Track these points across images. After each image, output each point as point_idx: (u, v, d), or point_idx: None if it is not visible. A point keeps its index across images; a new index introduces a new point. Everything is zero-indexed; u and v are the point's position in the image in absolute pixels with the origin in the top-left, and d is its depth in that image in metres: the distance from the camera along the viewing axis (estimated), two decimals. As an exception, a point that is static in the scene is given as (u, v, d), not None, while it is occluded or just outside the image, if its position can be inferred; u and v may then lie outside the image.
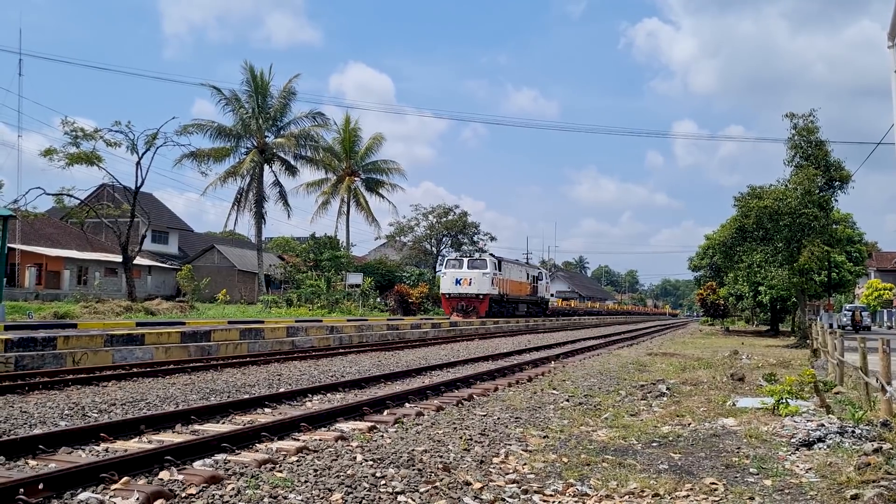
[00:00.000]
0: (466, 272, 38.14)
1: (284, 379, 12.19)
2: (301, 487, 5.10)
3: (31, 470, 5.49)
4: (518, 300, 44.27)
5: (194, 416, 7.76)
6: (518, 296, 44.07)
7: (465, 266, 38.57)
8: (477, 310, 37.43)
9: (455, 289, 38.11)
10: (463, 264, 38.82)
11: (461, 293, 37.87)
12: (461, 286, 37.92)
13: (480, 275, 37.82)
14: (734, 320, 61.91)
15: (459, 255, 40.34)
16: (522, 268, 47.91)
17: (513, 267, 44.40)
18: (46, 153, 33.33)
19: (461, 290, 37.90)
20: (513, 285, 42.74)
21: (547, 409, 9.28)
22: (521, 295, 44.90)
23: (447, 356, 17.93)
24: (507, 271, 41.96)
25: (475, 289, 37.76)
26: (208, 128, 41.03)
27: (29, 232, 43.54)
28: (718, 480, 5.61)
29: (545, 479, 5.57)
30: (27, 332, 14.61)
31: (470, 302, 37.81)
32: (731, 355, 19.60)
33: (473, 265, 38.60)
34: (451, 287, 38.37)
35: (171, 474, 5.34)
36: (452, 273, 38.62)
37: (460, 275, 38.10)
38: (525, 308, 46.10)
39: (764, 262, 30.06)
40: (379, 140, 49.66)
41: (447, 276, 38.89)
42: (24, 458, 5.88)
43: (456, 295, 38.08)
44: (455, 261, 39.62)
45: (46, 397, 9.44)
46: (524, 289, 45.90)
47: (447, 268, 39.37)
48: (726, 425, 8.17)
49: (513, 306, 43.03)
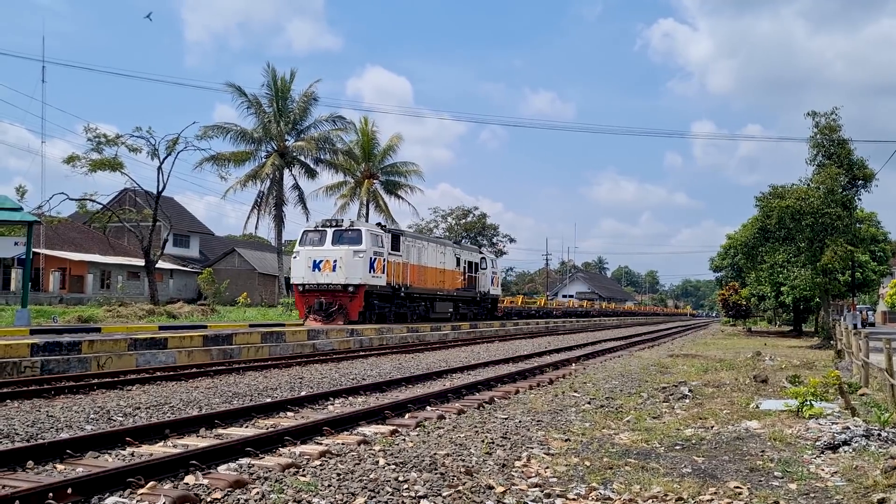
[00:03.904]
0: (329, 250, 24.62)
1: (306, 382, 12.25)
2: (325, 492, 5.13)
3: (59, 474, 5.58)
4: (436, 295, 30.78)
5: (218, 420, 7.83)
6: (437, 289, 30.86)
7: (329, 240, 24.88)
8: (345, 310, 24.21)
9: (311, 276, 24.75)
10: (325, 238, 24.99)
11: (319, 284, 24.54)
12: (321, 272, 24.66)
13: (351, 254, 24.25)
14: (756, 321, 61.42)
15: (321, 225, 25.77)
16: (448, 248, 33.47)
17: (427, 246, 30.78)
18: (69, 159, 33.83)
19: (320, 278, 24.59)
20: (425, 273, 29.64)
21: (568, 411, 9.26)
22: (444, 288, 31.65)
23: (467, 358, 17.94)
24: (414, 251, 28.85)
25: (341, 276, 24.25)
26: (229, 130, 41.33)
27: (53, 237, 44.09)
28: (743, 484, 5.58)
29: (568, 483, 5.56)
30: (52, 336, 14.81)
31: (334, 298, 24.35)
32: (753, 356, 19.44)
33: (341, 239, 24.81)
34: (305, 274, 24.85)
35: (196, 478, 5.39)
36: (308, 252, 24.96)
37: (320, 254, 24.71)
38: (451, 307, 32.61)
39: (786, 262, 29.82)
40: (397, 142, 49.76)
41: (300, 256, 25.16)
42: (51, 462, 5.96)
43: (312, 287, 24.71)
44: (314, 233, 25.50)
45: (72, 401, 9.56)
46: (450, 279, 32.51)
47: (302, 244, 25.62)
48: (750, 428, 8.11)
49: (424, 304, 29.71)
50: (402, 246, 27.66)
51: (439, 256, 31.43)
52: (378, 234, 25.83)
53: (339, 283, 24.25)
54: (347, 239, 24.76)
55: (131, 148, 34.83)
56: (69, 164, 33.91)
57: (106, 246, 47.37)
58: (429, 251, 30.43)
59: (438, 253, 31.47)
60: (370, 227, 26.44)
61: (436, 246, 31.77)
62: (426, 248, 30.36)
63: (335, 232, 25.05)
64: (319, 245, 24.94)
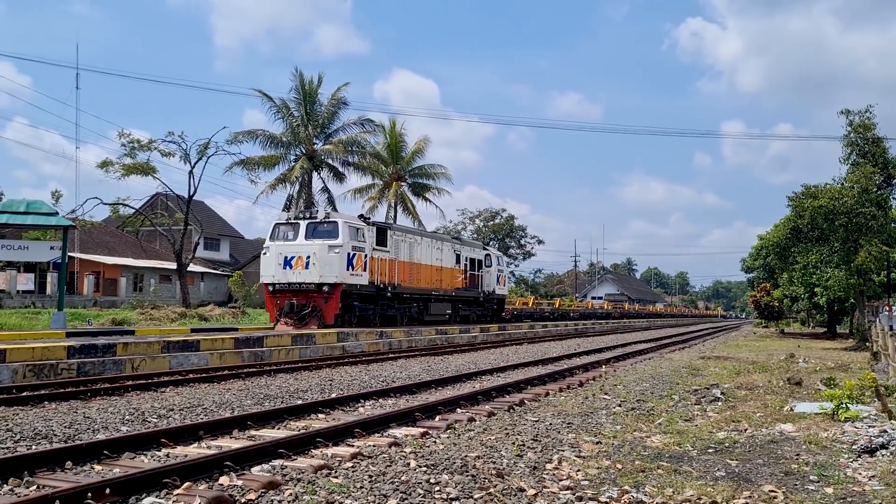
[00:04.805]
0: (302, 245, 21.99)
1: (336, 384, 12.33)
2: (357, 493, 5.17)
3: (97, 475, 5.68)
4: (431, 295, 27.90)
5: (250, 422, 7.92)
6: (432, 289, 28.00)
7: (302, 234, 22.29)
8: (319, 313, 21.64)
9: (282, 275, 22.09)
10: (298, 232, 22.41)
11: (291, 283, 21.96)
12: (292, 270, 21.97)
13: (326, 249, 21.56)
14: (789, 322, 60.58)
15: (293, 217, 23.25)
16: (446, 244, 30.20)
17: (420, 241, 27.68)
18: (103, 165, 34.42)
19: (291, 276, 21.95)
20: (418, 271, 26.82)
21: (599, 414, 9.22)
22: (440, 287, 28.73)
23: (496, 360, 17.92)
24: (404, 247, 25.94)
25: (315, 275, 21.57)
26: (258, 135, 41.70)
27: (87, 241, 44.84)
28: (778, 488, 5.51)
29: (599, 486, 5.54)
30: (88, 338, 15.06)
31: (307, 299, 21.76)
32: (787, 359, 19.18)
33: (315, 233, 22.24)
34: (275, 272, 22.23)
35: (230, 479, 5.46)
36: (279, 248, 22.37)
37: (292, 249, 22.08)
38: (450, 308, 29.73)
39: (820, 263, 29.38)
40: (425, 145, 49.85)
41: (270, 252, 22.52)
42: (89, 462, 6.07)
43: (282, 287, 22.13)
44: (286, 226, 22.90)
45: (108, 403, 9.72)
46: (449, 277, 29.53)
47: (273, 238, 22.93)
48: (784, 431, 8.01)
49: (416, 305, 26.92)
50: (390, 241, 24.91)
51: (435, 253, 28.50)
52: (358, 227, 23.00)
53: (312, 282, 21.57)
54: (322, 232, 22.12)
55: (164, 153, 35.35)
56: (102, 168, 34.52)
57: (138, 249, 48.05)
58: (422, 247, 27.50)
59: (434, 249, 28.50)
60: (349, 218, 23.55)
61: (431, 241, 28.83)
62: (419, 244, 27.36)
63: (309, 224, 22.37)
64: (291, 240, 22.36)
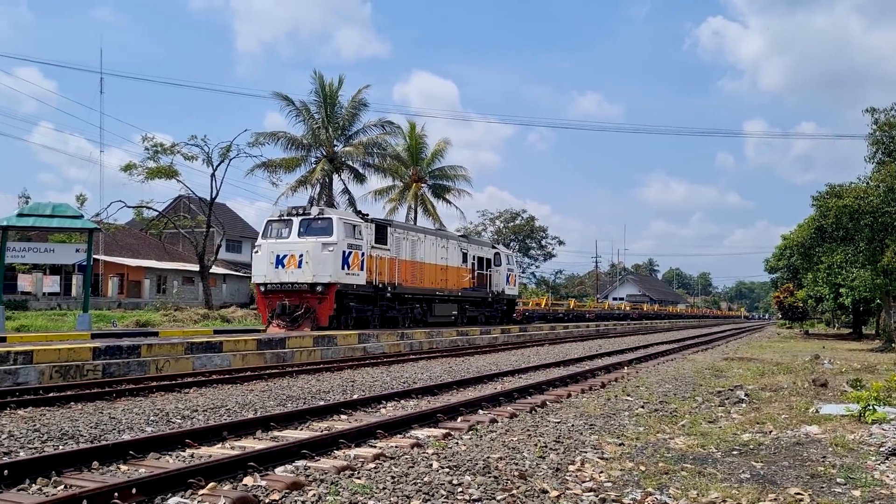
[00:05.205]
0: (295, 243, 21.05)
1: (358, 385, 12.37)
2: (380, 494, 5.18)
3: (122, 475, 5.74)
4: (435, 296, 26.82)
5: (273, 423, 7.96)
6: (437, 289, 26.89)
7: (295, 231, 21.31)
8: (313, 314, 20.69)
9: (274, 274, 21.15)
10: (291, 229, 21.42)
11: (283, 283, 21.02)
12: (284, 270, 20.99)
13: (319, 247, 20.65)
14: (813, 323, 59.90)
15: (286, 214, 22.00)
16: (452, 242, 28.97)
17: (424, 239, 26.60)
18: (126, 168, 34.83)
19: (283, 276, 21.01)
20: (421, 270, 25.76)
21: (622, 415, 9.17)
22: (446, 287, 27.57)
23: (518, 362, 17.89)
24: (406, 245, 24.97)
25: (308, 274, 20.63)
26: (280, 137, 41.93)
27: (111, 243, 45.38)
28: (804, 491, 5.45)
29: (623, 488, 5.51)
30: (112, 340, 15.25)
31: (300, 300, 20.84)
32: (812, 360, 18.96)
33: (309, 230, 21.24)
34: (267, 271, 21.30)
35: (254, 480, 5.50)
36: (271, 246, 21.41)
37: (284, 248, 21.12)
38: (456, 309, 28.58)
39: (845, 263, 29.02)
40: (444, 146, 49.94)
41: (262, 251, 21.57)
42: (115, 463, 6.13)
43: (274, 287, 21.21)
44: (279, 223, 21.86)
45: (133, 403, 9.82)
46: (455, 277, 28.35)
47: (265, 236, 21.99)
48: (810, 433, 7.93)
49: (419, 306, 25.86)
50: (391, 238, 23.91)
51: (440, 251, 27.36)
52: (355, 224, 22.01)
53: (304, 281, 20.65)
54: (316, 229, 21.11)
55: (186, 156, 35.68)
56: (126, 172, 34.92)
57: (162, 252, 48.52)
58: (426, 245, 26.39)
59: (439, 247, 27.37)
60: (344, 214, 22.87)
61: (435, 239, 27.69)
62: (422, 242, 26.26)
63: (302, 221, 21.35)
64: (284, 237, 21.38)
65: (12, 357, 11.45)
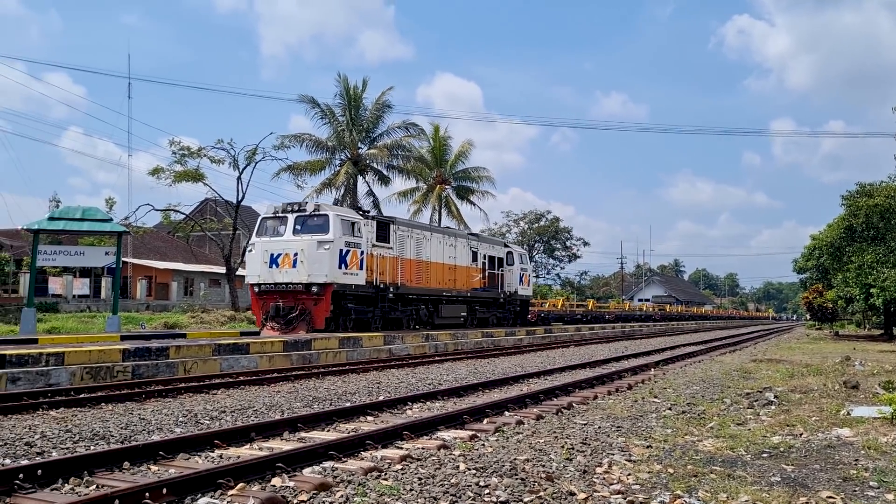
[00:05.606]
0: (289, 241, 20.06)
1: (383, 387, 12.40)
2: (407, 495, 5.19)
3: (153, 475, 5.81)
4: (442, 296, 25.67)
5: (300, 424, 8.01)
6: (444, 289, 25.69)
7: (290, 229, 20.32)
8: (308, 316, 19.70)
9: (268, 274, 20.14)
10: (286, 226, 20.43)
11: (277, 283, 20.02)
12: (278, 269, 19.97)
13: (315, 245, 19.65)
14: (844, 324, 59.03)
15: (281, 210, 20.82)
16: (461, 240, 27.72)
17: (430, 237, 25.44)
18: (154, 172, 35.22)
19: (278, 276, 19.99)
20: (427, 270, 24.68)
21: (649, 417, 9.11)
22: (454, 288, 26.33)
23: (543, 363, 17.83)
24: (410, 243, 23.89)
25: (303, 274, 19.59)
26: (305, 140, 42.15)
27: (139, 246, 45.96)
28: (836, 494, 5.38)
29: (651, 491, 5.47)
30: (141, 342, 15.44)
31: (294, 301, 19.83)
32: (842, 361, 18.69)
33: (304, 227, 20.25)
34: (261, 271, 20.27)
35: (282, 481, 5.53)
36: (265, 244, 20.46)
37: (279, 246, 20.14)
38: (465, 311, 27.27)
39: (875, 263, 28.61)
40: (468, 148, 49.92)
41: (256, 249, 20.63)
42: (145, 463, 6.20)
43: (268, 287, 20.18)
44: (273, 220, 20.87)
45: (162, 405, 9.93)
46: (464, 277, 27.09)
47: (259, 234, 21.02)
48: (841, 435, 7.82)
49: (424, 307, 24.76)
50: (393, 236, 22.82)
51: (448, 250, 26.17)
52: (353, 221, 20.96)
53: (299, 281, 19.61)
54: (311, 227, 20.11)
55: (213, 159, 36.02)
56: (154, 176, 35.31)
57: (189, 254, 49.06)
58: (432, 243, 25.24)
59: (447, 246, 26.20)
60: (342, 210, 21.68)
61: (443, 237, 26.47)
62: (428, 240, 25.07)
63: (297, 218, 20.34)
64: (278, 235, 20.41)
65: (44, 358, 11.63)
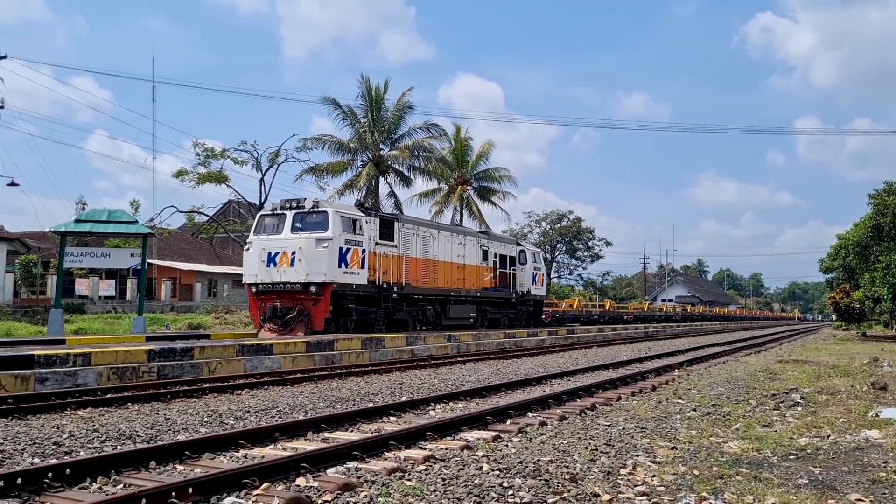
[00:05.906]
0: (287, 239, 19.52)
1: (406, 387, 12.42)
2: (430, 496, 5.19)
3: (179, 475, 5.86)
4: (450, 297, 25.02)
5: (324, 424, 8.04)
6: (452, 289, 24.96)
7: (288, 226, 19.75)
8: (307, 317, 19.13)
9: (266, 274, 19.58)
10: (284, 223, 19.84)
11: (275, 283, 19.46)
12: (276, 268, 19.42)
13: (313, 243, 19.04)
14: (871, 325, 58.23)
15: (279, 207, 20.31)
16: (470, 238, 26.94)
17: (437, 235, 24.60)
18: (178, 174, 35.50)
19: (275, 275, 19.43)
20: (434, 269, 23.91)
21: (673, 419, 9.04)
22: (463, 287, 25.60)
23: (565, 364, 17.77)
24: (416, 241, 23.08)
25: (301, 273, 19.03)
26: (327, 141, 42.31)
27: (164, 248, 46.41)
28: (865, 497, 5.30)
29: (676, 493, 5.42)
30: (166, 342, 15.58)
31: (292, 301, 19.28)
32: (870, 362, 18.44)
33: (303, 225, 19.69)
34: (258, 270, 19.74)
35: (307, 481, 5.56)
36: (263, 242, 19.91)
37: (276, 244, 19.58)
38: (474, 311, 26.54)
39: (904, 263, 28.20)
40: (489, 148, 49.89)
41: (253, 248, 20.13)
42: (171, 463, 6.26)
43: (266, 287, 19.63)
44: (271, 217, 20.37)
45: (187, 405, 10.02)
46: (473, 276, 26.34)
47: (256, 231, 20.52)
48: (870, 437, 7.71)
49: (431, 308, 24.06)
50: (398, 234, 21.99)
51: (456, 248, 25.36)
52: (354, 218, 20.24)
53: (297, 281, 19.03)
54: (310, 224, 19.51)
55: (236, 161, 36.23)
56: (178, 178, 35.59)
57: (212, 255, 49.42)
58: (440, 241, 24.43)
59: (455, 244, 25.39)
60: (342, 207, 20.94)
61: (451, 235, 25.58)
62: (435, 238, 24.25)
63: (296, 215, 19.77)
64: (276, 233, 19.82)
65: (71, 359, 11.78)
